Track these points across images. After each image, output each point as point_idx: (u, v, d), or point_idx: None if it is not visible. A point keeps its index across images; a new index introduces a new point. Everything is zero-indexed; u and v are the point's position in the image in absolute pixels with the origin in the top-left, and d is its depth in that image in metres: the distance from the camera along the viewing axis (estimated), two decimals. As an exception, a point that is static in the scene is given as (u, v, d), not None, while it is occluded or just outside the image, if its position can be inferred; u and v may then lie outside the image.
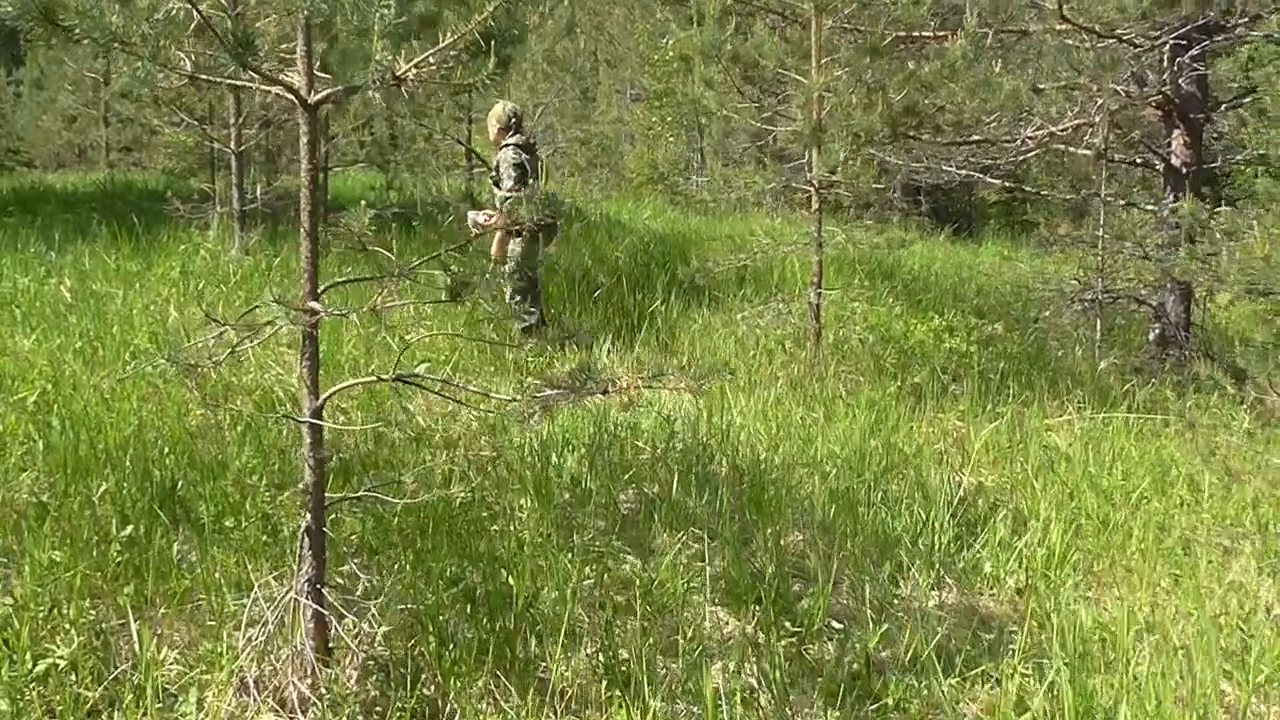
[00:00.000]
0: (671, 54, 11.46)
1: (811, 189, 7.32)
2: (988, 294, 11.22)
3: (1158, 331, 9.83)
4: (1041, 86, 8.60)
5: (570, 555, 4.40)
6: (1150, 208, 9.88)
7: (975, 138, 8.47)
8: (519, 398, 3.65)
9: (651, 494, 5.12)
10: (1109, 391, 7.96)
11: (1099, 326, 9.59)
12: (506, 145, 7.56)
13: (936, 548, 4.82)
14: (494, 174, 7.67)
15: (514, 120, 7.64)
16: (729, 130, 7.60)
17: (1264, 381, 4.75)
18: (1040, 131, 8.58)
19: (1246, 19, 9.60)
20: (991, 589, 4.69)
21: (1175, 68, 9.29)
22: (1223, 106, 10.17)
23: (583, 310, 8.32)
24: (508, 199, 7.17)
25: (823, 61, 7.06)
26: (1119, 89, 9.23)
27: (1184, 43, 9.14)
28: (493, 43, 2.94)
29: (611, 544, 4.56)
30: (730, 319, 8.41)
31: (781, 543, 4.80)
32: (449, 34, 2.92)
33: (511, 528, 4.56)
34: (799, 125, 7.03)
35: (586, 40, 19.77)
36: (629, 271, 9.64)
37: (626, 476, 5.24)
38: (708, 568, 4.48)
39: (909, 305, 9.88)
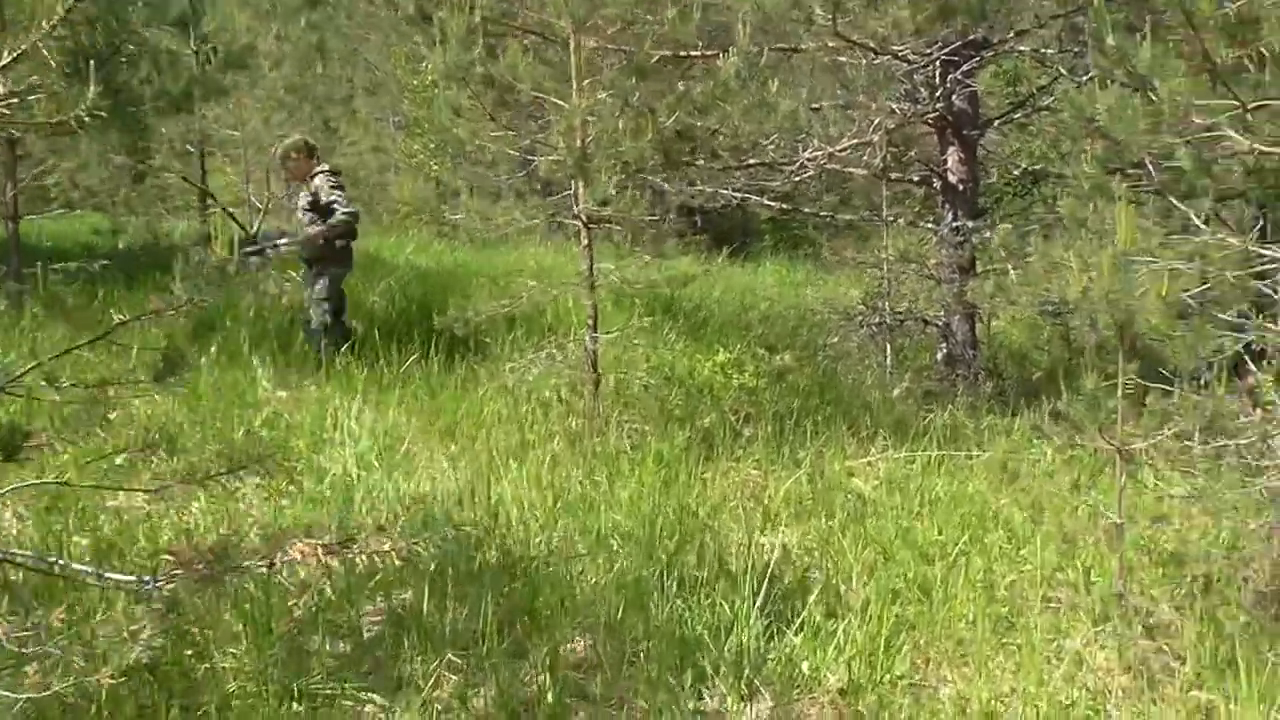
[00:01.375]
0: (431, 78, 10.54)
1: (580, 223, 6.59)
2: (773, 321, 10.76)
3: (945, 352, 9.55)
4: (817, 106, 8.16)
5: (293, 704, 3.50)
6: (931, 226, 9.61)
7: (753, 161, 7.96)
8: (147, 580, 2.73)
9: (403, 605, 4.25)
10: (908, 423, 7.52)
11: (889, 350, 9.22)
12: (318, 173, 7.81)
13: (744, 646, 4.13)
14: (306, 206, 7.84)
15: (311, 148, 8.00)
16: (490, 160, 6.84)
17: (1094, 431, 4.25)
18: (819, 153, 8.13)
19: (1014, 34, 9.45)
20: (811, 692, 4.02)
21: (947, 84, 9.02)
22: (995, 122, 10.01)
23: (327, 370, 7.35)
24: (349, 214, 7.72)
25: (585, 84, 6.35)
26: (894, 107, 8.88)
27: (955, 59, 8.87)
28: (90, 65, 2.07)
29: (345, 683, 3.68)
30: (499, 369, 7.59)
31: (561, 654, 4.02)
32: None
33: (215, 677, 3.62)
34: (561, 154, 6.29)
35: (342, 67, 18.67)
36: (385, 318, 8.71)
37: (372, 583, 4.35)
38: (471, 701, 3.66)
39: (692, 340, 9.28)
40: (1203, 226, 5.21)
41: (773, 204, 10.80)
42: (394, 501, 5.26)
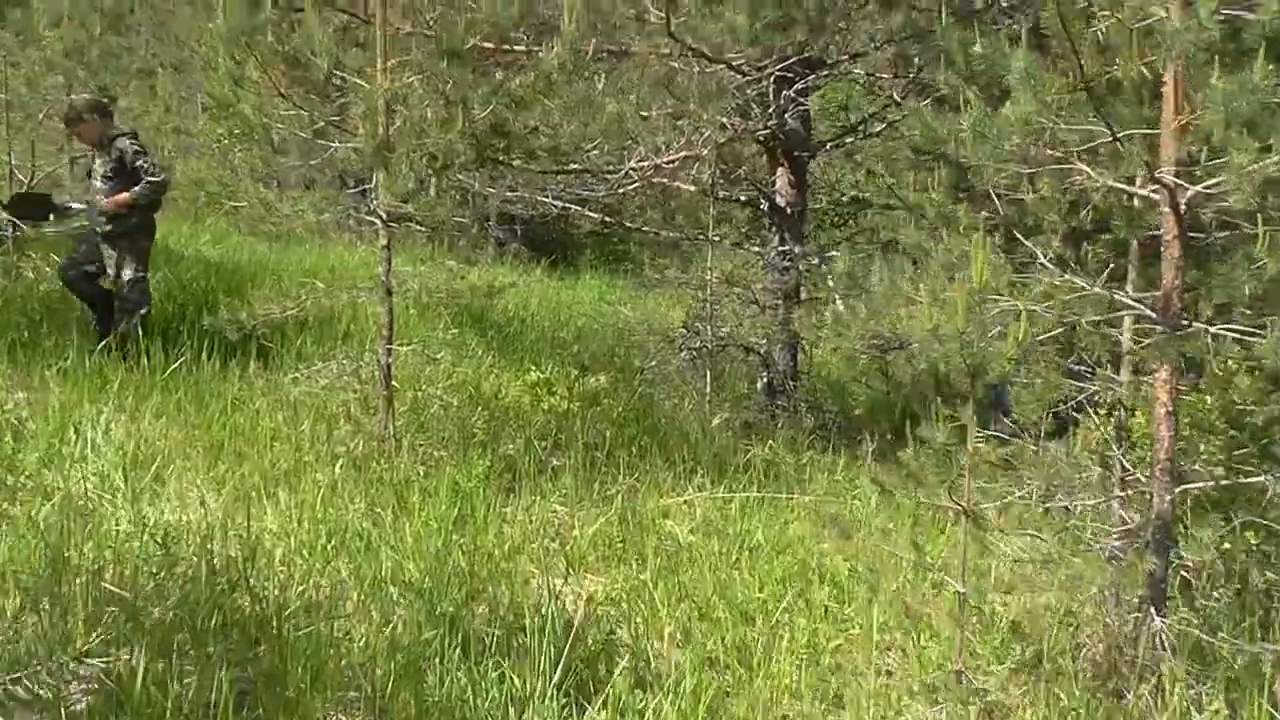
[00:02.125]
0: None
1: (378, 220, 5.85)
2: (589, 339, 10.17)
3: (766, 381, 9.13)
4: (646, 114, 7.63)
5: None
6: (757, 250, 9.19)
7: (574, 166, 7.35)
8: None
9: (120, 671, 3.45)
10: (726, 458, 7.03)
11: (708, 377, 8.74)
12: (119, 136, 7.03)
13: (538, 731, 3.49)
14: (108, 174, 7.01)
15: (105, 108, 7.26)
16: (279, 144, 6.06)
17: (940, 490, 3.79)
18: (644, 163, 7.59)
19: (848, 56, 9.14)
20: (613, 788, 3.41)
21: (780, 102, 8.63)
22: (826, 145, 9.69)
23: (79, 369, 6.38)
24: (159, 180, 6.94)
25: (391, 64, 5.63)
26: (726, 121, 8.42)
27: (789, 75, 8.47)
28: None
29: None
30: (282, 380, 6.75)
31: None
32: None
33: None
34: (362, 140, 5.55)
35: (146, 39, 17.23)
36: (157, 315, 7.73)
37: (83, 643, 3.53)
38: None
39: (502, 356, 8.61)
40: (1048, 265, 4.88)
41: (594, 215, 10.23)
42: (130, 534, 4.42)
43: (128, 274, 7.04)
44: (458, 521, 5.32)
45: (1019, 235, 5.12)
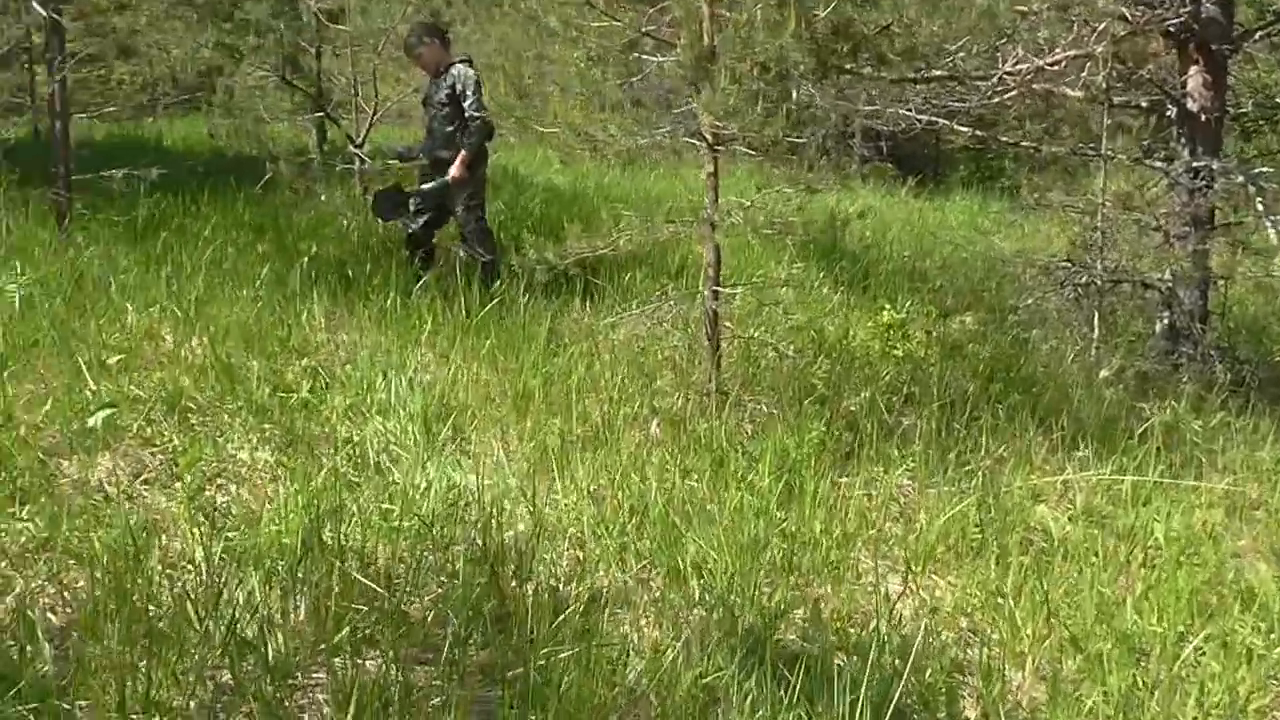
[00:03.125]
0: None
1: (702, 144, 5.10)
2: (955, 272, 9.04)
3: (1166, 323, 7.69)
4: (1024, 6, 6.39)
5: None
6: (1161, 165, 7.69)
7: (936, 72, 6.27)
8: None
9: (388, 670, 2.94)
10: (1116, 422, 5.83)
11: (1096, 319, 7.43)
12: (459, 62, 6.89)
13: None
14: (443, 100, 6.86)
15: (444, 32, 7.19)
16: (590, 58, 5.49)
17: None
18: (1022, 66, 6.37)
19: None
20: None
21: (1196, -17, 7.09)
22: (1253, 36, 7.96)
23: (395, 310, 6.08)
24: (480, 118, 6.73)
25: (713, -42, 4.83)
26: (1125, 11, 6.98)
27: (1209, -52, 6.92)
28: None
29: None
30: (602, 321, 6.20)
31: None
32: None
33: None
34: (681, 52, 4.80)
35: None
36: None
37: (345, 630, 3.06)
38: None
39: (852, 292, 7.71)
40: None
41: (963, 129, 9.00)
42: (412, 503, 3.97)
43: (470, 225, 6.79)
44: (783, 496, 4.56)
45: None
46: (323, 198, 8.29)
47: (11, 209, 6.71)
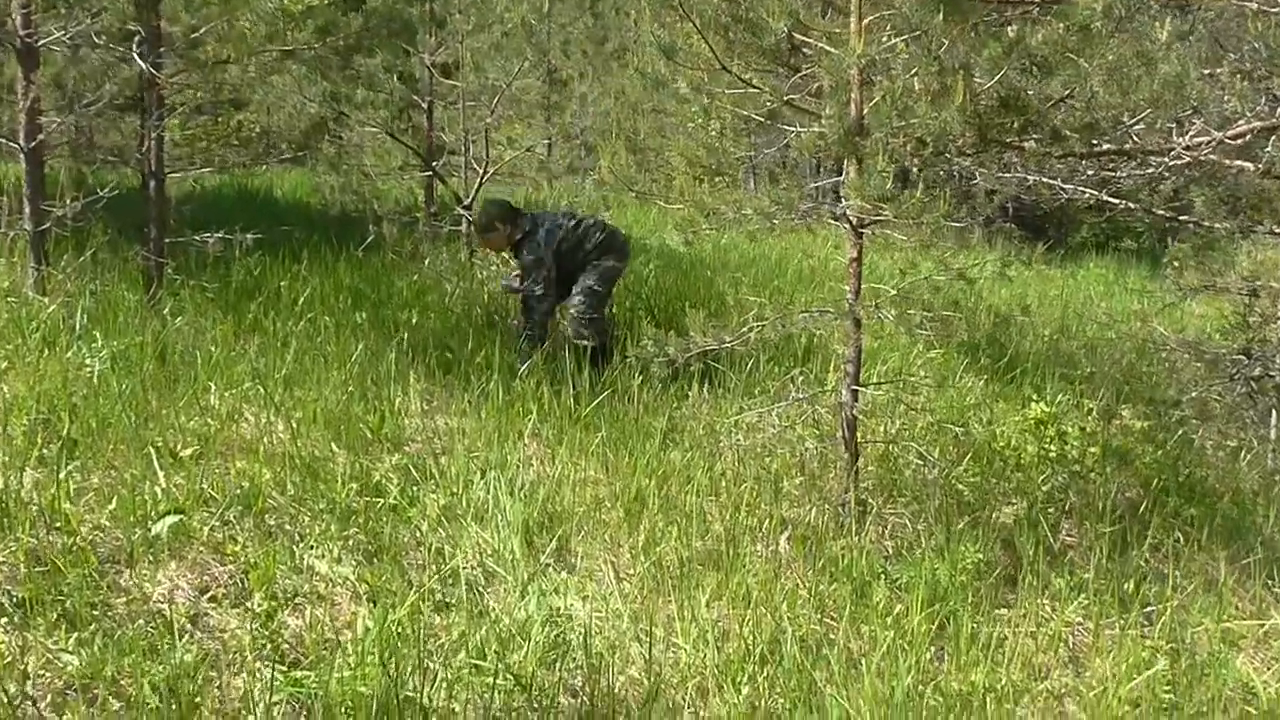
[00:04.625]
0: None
1: (846, 225, 4.52)
2: (1101, 354, 8.26)
3: (1352, 423, 6.84)
4: (1209, 70, 5.70)
5: None
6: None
7: (1107, 146, 5.61)
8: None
9: None
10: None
11: (1274, 419, 6.61)
12: (523, 239, 6.44)
13: None
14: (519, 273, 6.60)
15: (515, 212, 6.59)
16: (720, 128, 4.98)
17: None
18: (1203, 138, 5.67)
19: None
20: None
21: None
22: None
23: (499, 394, 5.57)
24: (534, 304, 6.43)
25: (866, 22, 4.27)
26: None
27: None
28: None
29: None
30: (723, 414, 5.62)
31: None
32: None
33: None
34: (826, 124, 4.24)
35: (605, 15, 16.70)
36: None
37: None
38: None
39: (994, 378, 7.01)
40: None
41: (1114, 200, 8.26)
42: (515, 634, 3.42)
43: (581, 308, 6.40)
44: (935, 635, 3.92)
45: None
46: (427, 261, 7.88)
47: (101, 271, 6.38)
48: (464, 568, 4.03)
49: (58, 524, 3.84)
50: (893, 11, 4.22)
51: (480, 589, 3.98)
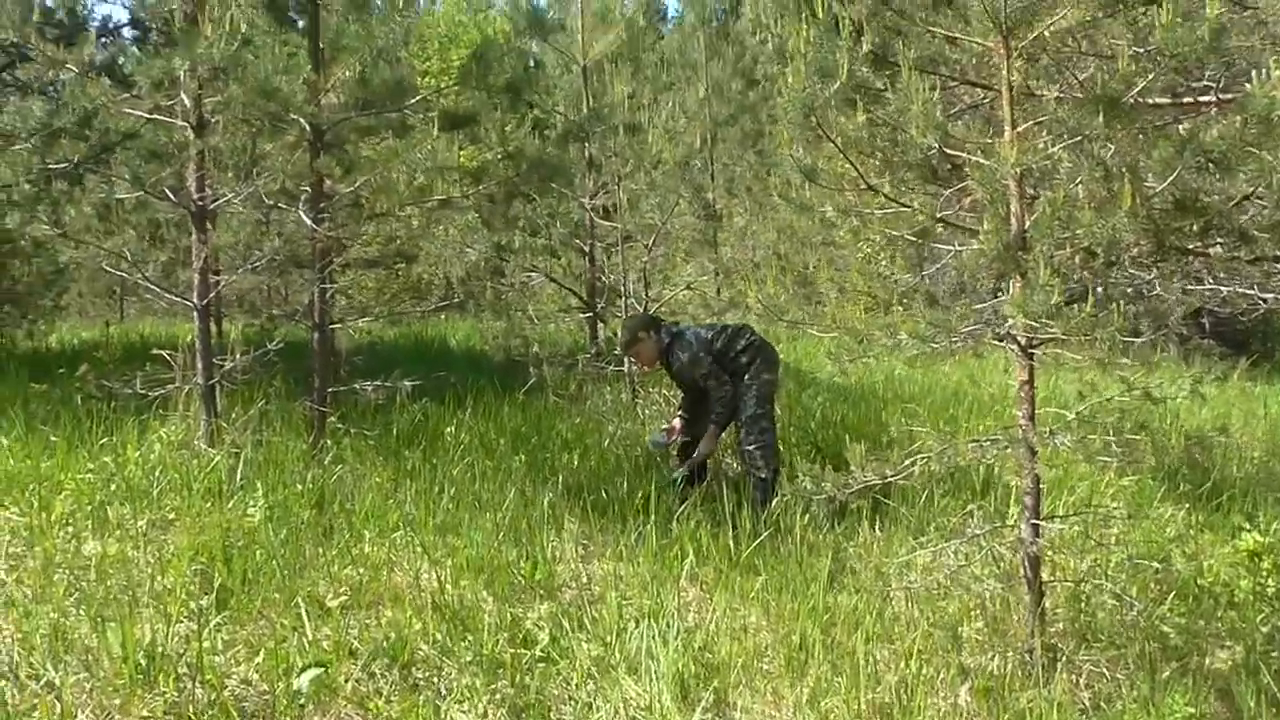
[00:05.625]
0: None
1: (1013, 348, 4.21)
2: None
3: None
4: None
5: None
6: None
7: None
8: None
9: None
10: None
11: None
12: (670, 345, 6.35)
13: None
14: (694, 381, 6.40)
15: (656, 322, 6.53)
16: (874, 250, 4.77)
17: None
18: None
19: None
20: None
21: None
22: None
23: (664, 529, 5.35)
24: (721, 401, 6.24)
25: (1021, 128, 4.03)
26: None
27: None
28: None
29: None
30: (893, 553, 5.27)
31: None
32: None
33: None
34: (984, 239, 3.97)
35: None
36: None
37: None
38: None
39: (1196, 505, 6.44)
40: None
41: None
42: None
43: (752, 437, 6.20)
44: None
45: None
46: (588, 403, 7.81)
47: (269, 421, 6.50)
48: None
49: (205, 679, 3.77)
50: (1049, 117, 3.97)
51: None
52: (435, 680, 4.04)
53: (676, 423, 6.51)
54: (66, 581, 4.40)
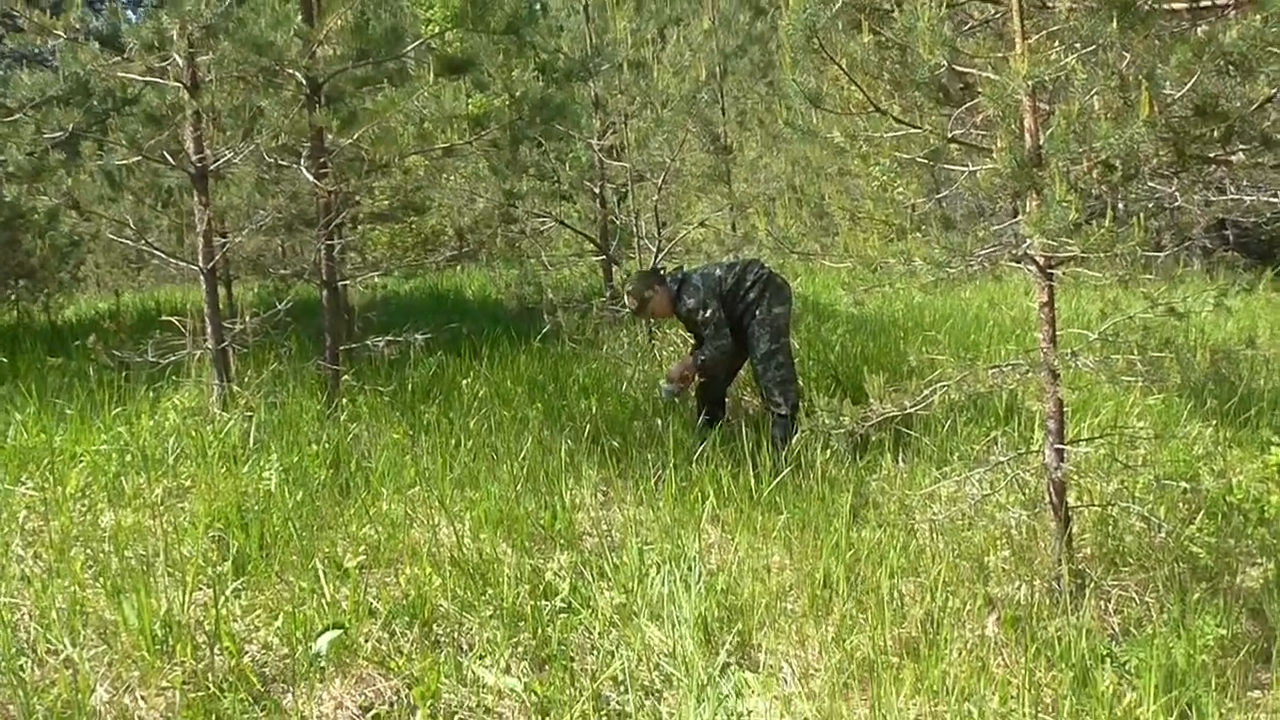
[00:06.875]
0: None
1: (1032, 269, 4.09)
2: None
3: None
4: None
5: None
6: None
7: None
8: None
9: None
10: None
11: None
12: (684, 306, 6.26)
13: None
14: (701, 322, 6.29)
15: (655, 275, 6.42)
16: (887, 175, 4.61)
17: None
18: None
19: None
20: None
21: None
22: None
23: (684, 472, 5.28)
24: (709, 354, 6.22)
25: (1032, 41, 3.88)
26: None
27: None
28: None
29: None
30: (919, 479, 5.19)
31: None
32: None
33: None
34: (998, 157, 3.84)
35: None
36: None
37: None
38: None
39: (1224, 422, 6.31)
40: None
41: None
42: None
43: (770, 372, 6.10)
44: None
45: None
46: (605, 347, 7.73)
47: (282, 382, 6.44)
48: (638, 670, 3.74)
49: (224, 646, 3.74)
50: (1061, 27, 3.81)
51: (656, 694, 3.68)
52: (456, 636, 4.00)
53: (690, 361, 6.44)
54: (83, 555, 4.38)
